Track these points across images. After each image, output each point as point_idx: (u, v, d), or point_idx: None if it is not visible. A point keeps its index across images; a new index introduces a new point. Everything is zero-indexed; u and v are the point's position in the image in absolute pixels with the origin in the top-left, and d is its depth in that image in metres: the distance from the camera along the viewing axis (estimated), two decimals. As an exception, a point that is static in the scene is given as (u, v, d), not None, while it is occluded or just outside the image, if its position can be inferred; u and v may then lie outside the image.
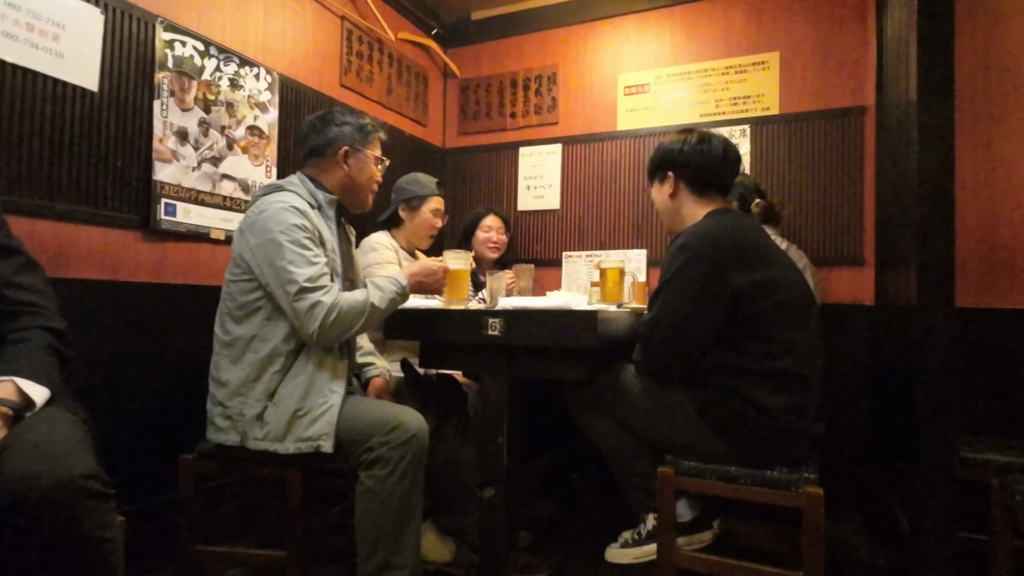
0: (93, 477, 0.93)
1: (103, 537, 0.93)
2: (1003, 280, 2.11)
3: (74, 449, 0.97)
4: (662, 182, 1.69)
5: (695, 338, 1.48)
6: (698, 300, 1.45)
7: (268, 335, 1.48)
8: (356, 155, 1.64)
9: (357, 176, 1.65)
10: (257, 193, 1.57)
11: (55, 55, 1.67)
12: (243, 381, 1.47)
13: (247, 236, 1.48)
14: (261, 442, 1.44)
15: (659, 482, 1.49)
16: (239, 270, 1.50)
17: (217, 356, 1.53)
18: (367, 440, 1.43)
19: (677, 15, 3.03)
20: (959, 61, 1.59)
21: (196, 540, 1.57)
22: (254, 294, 1.48)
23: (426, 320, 1.63)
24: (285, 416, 1.44)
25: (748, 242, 1.49)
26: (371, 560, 1.42)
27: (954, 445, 1.46)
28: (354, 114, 1.69)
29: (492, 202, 3.34)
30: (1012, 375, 2.05)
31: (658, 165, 1.69)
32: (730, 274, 1.43)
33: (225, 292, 1.54)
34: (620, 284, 2.02)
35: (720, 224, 1.52)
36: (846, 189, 2.66)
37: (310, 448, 1.42)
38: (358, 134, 1.63)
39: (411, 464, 1.43)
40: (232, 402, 1.47)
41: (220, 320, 1.55)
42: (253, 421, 1.45)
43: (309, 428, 1.43)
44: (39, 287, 1.20)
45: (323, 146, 1.62)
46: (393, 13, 3.11)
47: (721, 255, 1.45)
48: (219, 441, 1.50)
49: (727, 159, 1.63)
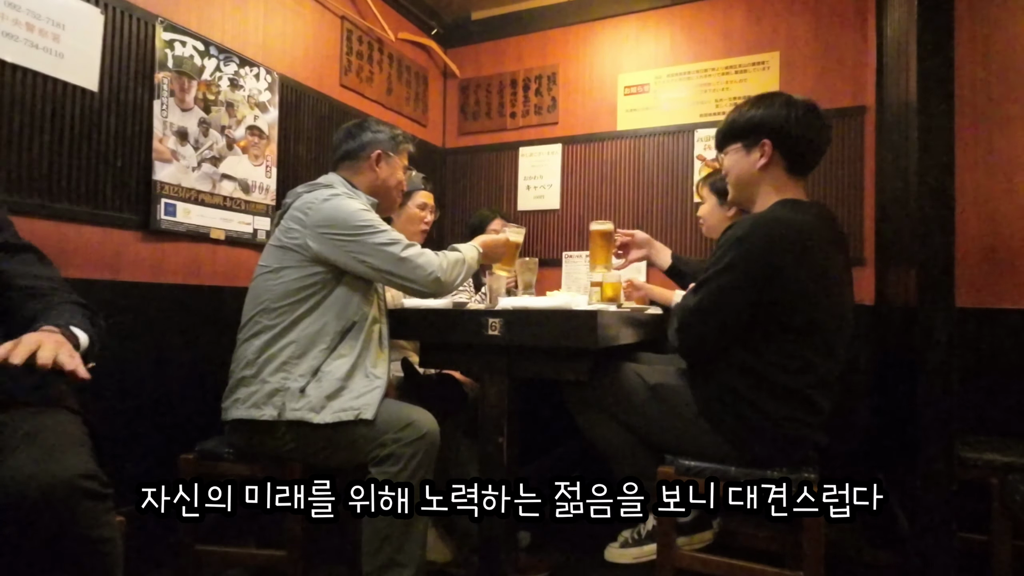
0: (91, 477, 0.93)
1: (101, 537, 0.93)
2: (1003, 280, 2.11)
3: (72, 449, 0.97)
4: (750, 149, 1.50)
5: (733, 331, 1.44)
6: (744, 298, 1.39)
7: (319, 317, 1.51)
8: (388, 159, 1.72)
9: (388, 179, 1.72)
10: (300, 190, 1.61)
11: (55, 55, 1.67)
12: (288, 358, 1.49)
13: (313, 227, 1.51)
14: (297, 411, 1.45)
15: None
16: (295, 259, 1.52)
17: (255, 339, 1.52)
18: (380, 436, 1.44)
19: (677, 15, 3.03)
20: (959, 61, 1.59)
21: (196, 540, 1.57)
22: (310, 279, 1.51)
23: (426, 320, 1.63)
24: (327, 391, 1.46)
25: (809, 248, 1.38)
26: (377, 557, 1.42)
27: (954, 445, 1.46)
28: (388, 125, 1.78)
29: (492, 202, 3.35)
30: (1012, 375, 2.05)
31: (751, 129, 1.49)
32: (778, 279, 1.36)
33: (264, 285, 1.55)
34: (606, 248, 1.98)
35: (787, 221, 1.40)
36: (846, 189, 2.66)
37: (350, 415, 1.44)
38: (390, 142, 1.73)
39: (421, 463, 1.44)
40: (274, 377, 1.48)
41: (256, 306, 1.54)
42: (295, 394, 1.46)
43: (352, 401, 1.46)
44: (55, 277, 1.23)
45: (357, 150, 1.70)
46: (393, 13, 3.11)
47: (776, 258, 1.36)
48: (249, 417, 1.48)
49: (828, 138, 1.50)
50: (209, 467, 1.58)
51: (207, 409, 1.56)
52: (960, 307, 1.53)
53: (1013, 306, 2.09)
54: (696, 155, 2.95)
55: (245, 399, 1.49)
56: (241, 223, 2.23)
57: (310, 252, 1.51)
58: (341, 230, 1.50)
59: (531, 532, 2.05)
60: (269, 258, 1.57)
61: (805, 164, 1.51)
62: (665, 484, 1.45)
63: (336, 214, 1.51)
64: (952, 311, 1.45)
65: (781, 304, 1.38)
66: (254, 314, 1.54)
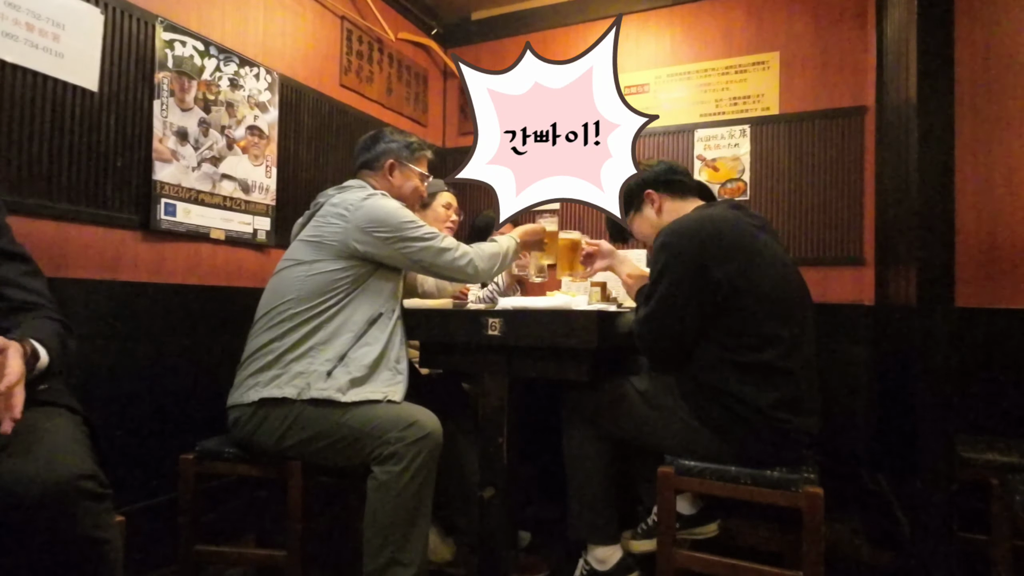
0: (90, 478, 0.93)
1: (101, 538, 0.93)
2: (1003, 280, 2.11)
3: (72, 449, 0.97)
4: (641, 208, 1.73)
5: (687, 331, 1.49)
6: (684, 295, 1.46)
7: (348, 308, 1.56)
8: (401, 168, 1.78)
9: (402, 188, 1.77)
10: (331, 192, 1.66)
11: (55, 55, 1.67)
12: (313, 345, 1.52)
13: (358, 224, 1.56)
14: (324, 391, 1.47)
15: (659, 481, 1.49)
16: (330, 253, 1.56)
17: (278, 327, 1.53)
18: (383, 435, 1.44)
19: (677, 15, 3.03)
20: (959, 61, 1.59)
21: (196, 540, 1.57)
22: (343, 273, 1.56)
23: (426, 320, 1.63)
24: (354, 375, 1.50)
25: (726, 233, 1.48)
26: (379, 556, 1.42)
27: (954, 445, 1.46)
28: (403, 134, 1.83)
29: (493, 202, 3.33)
30: (1012, 375, 2.05)
31: (633, 195, 1.73)
32: (710, 266, 1.44)
33: (292, 276, 1.57)
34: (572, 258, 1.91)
35: (698, 218, 1.53)
36: (846, 189, 2.66)
37: (379, 395, 1.49)
38: (405, 151, 1.78)
39: (425, 462, 1.44)
40: (299, 363, 1.50)
41: (278, 300, 1.56)
42: (320, 376, 1.49)
43: (380, 388, 1.51)
44: (43, 292, 1.21)
45: (372, 160, 1.77)
46: (393, 13, 3.11)
47: (699, 248, 1.46)
48: (266, 396, 1.48)
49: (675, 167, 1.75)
50: (209, 467, 1.58)
51: (207, 409, 1.56)
52: (960, 307, 1.53)
53: (1013, 306, 2.09)
54: (696, 155, 2.95)
55: (266, 382, 1.50)
56: (241, 223, 2.23)
57: (349, 248, 1.56)
58: (386, 226, 1.56)
59: (531, 532, 2.05)
60: (298, 253, 1.60)
61: (684, 185, 1.72)
62: (665, 484, 1.44)
63: (378, 212, 1.57)
64: (952, 311, 1.45)
65: (724, 288, 1.43)
66: (278, 304, 1.56)
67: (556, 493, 2.43)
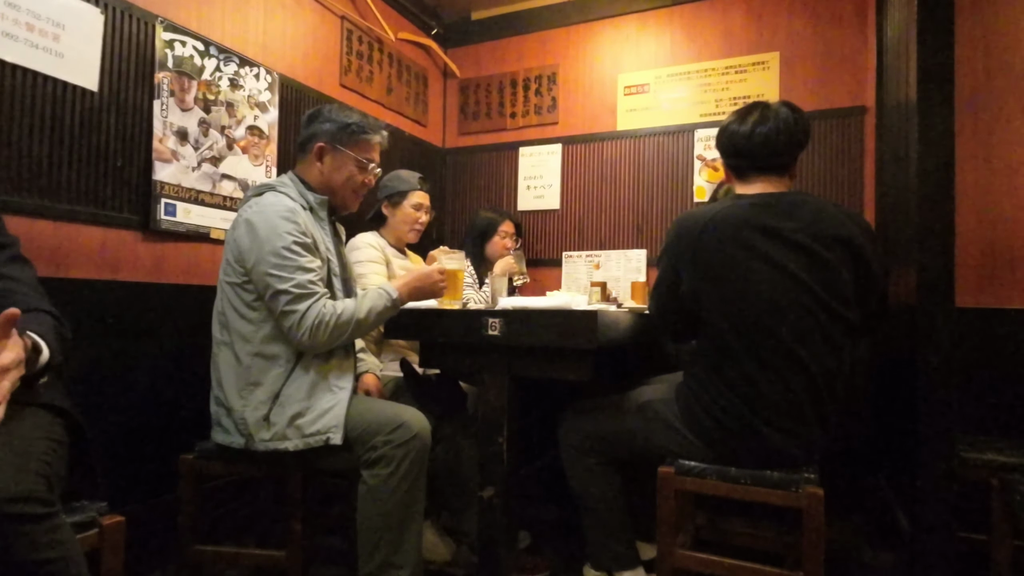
0: (22, 500, 0.84)
1: (44, 558, 0.85)
2: (1003, 280, 2.10)
3: (8, 467, 0.87)
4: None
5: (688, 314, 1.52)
6: (668, 284, 1.52)
7: (269, 335, 1.46)
8: (333, 153, 1.56)
9: (332, 175, 1.58)
10: (248, 194, 1.55)
11: (55, 55, 1.67)
12: (245, 383, 1.45)
13: (240, 239, 1.45)
14: (268, 442, 1.43)
15: (659, 482, 1.49)
16: (234, 271, 1.47)
17: (216, 356, 1.51)
18: (370, 439, 1.43)
19: (677, 15, 3.03)
20: (959, 61, 1.59)
21: (196, 540, 1.57)
22: (252, 295, 1.46)
23: (426, 320, 1.63)
24: (291, 415, 1.43)
25: (707, 241, 1.40)
26: (372, 559, 1.42)
27: (954, 445, 1.46)
28: (344, 112, 1.59)
29: (492, 202, 3.34)
30: (1012, 375, 2.05)
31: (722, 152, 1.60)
32: (681, 271, 1.47)
33: (221, 293, 1.52)
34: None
35: (693, 214, 1.48)
36: (846, 189, 2.66)
37: (319, 442, 1.42)
38: (340, 133, 1.56)
39: (413, 463, 1.43)
40: (236, 405, 1.45)
41: (217, 319, 1.53)
42: (259, 423, 1.43)
43: (316, 423, 1.43)
44: (29, 281, 1.14)
45: (303, 142, 1.59)
46: (393, 13, 3.11)
47: (676, 250, 1.48)
48: (224, 443, 1.49)
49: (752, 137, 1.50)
50: (209, 467, 1.58)
51: (207, 409, 1.56)
52: (960, 307, 1.53)
53: (1013, 306, 2.09)
54: (696, 155, 2.95)
55: (219, 421, 1.51)
56: (241, 223, 2.23)
57: (241, 267, 1.46)
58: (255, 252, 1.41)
59: (531, 532, 2.05)
60: (224, 265, 1.50)
61: (740, 169, 1.55)
62: (665, 484, 1.44)
63: (242, 241, 1.44)
64: (952, 311, 1.45)
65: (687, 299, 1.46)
66: (214, 324, 1.53)
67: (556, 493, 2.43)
